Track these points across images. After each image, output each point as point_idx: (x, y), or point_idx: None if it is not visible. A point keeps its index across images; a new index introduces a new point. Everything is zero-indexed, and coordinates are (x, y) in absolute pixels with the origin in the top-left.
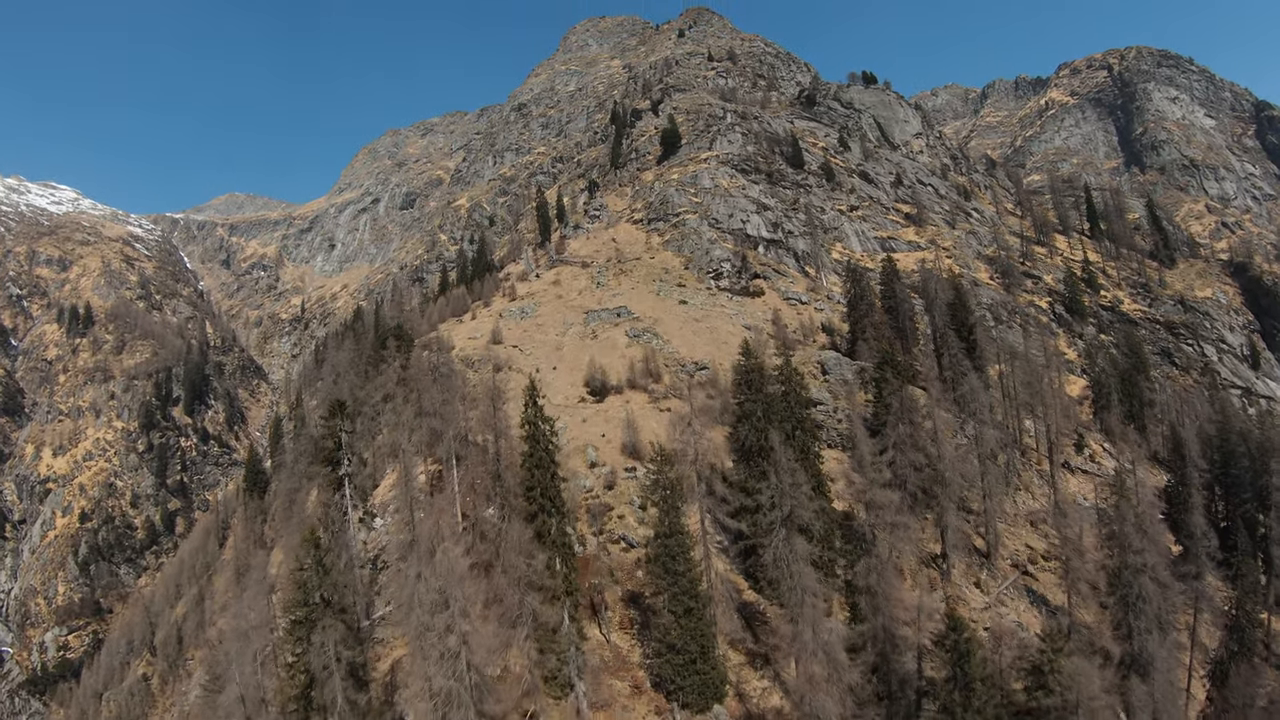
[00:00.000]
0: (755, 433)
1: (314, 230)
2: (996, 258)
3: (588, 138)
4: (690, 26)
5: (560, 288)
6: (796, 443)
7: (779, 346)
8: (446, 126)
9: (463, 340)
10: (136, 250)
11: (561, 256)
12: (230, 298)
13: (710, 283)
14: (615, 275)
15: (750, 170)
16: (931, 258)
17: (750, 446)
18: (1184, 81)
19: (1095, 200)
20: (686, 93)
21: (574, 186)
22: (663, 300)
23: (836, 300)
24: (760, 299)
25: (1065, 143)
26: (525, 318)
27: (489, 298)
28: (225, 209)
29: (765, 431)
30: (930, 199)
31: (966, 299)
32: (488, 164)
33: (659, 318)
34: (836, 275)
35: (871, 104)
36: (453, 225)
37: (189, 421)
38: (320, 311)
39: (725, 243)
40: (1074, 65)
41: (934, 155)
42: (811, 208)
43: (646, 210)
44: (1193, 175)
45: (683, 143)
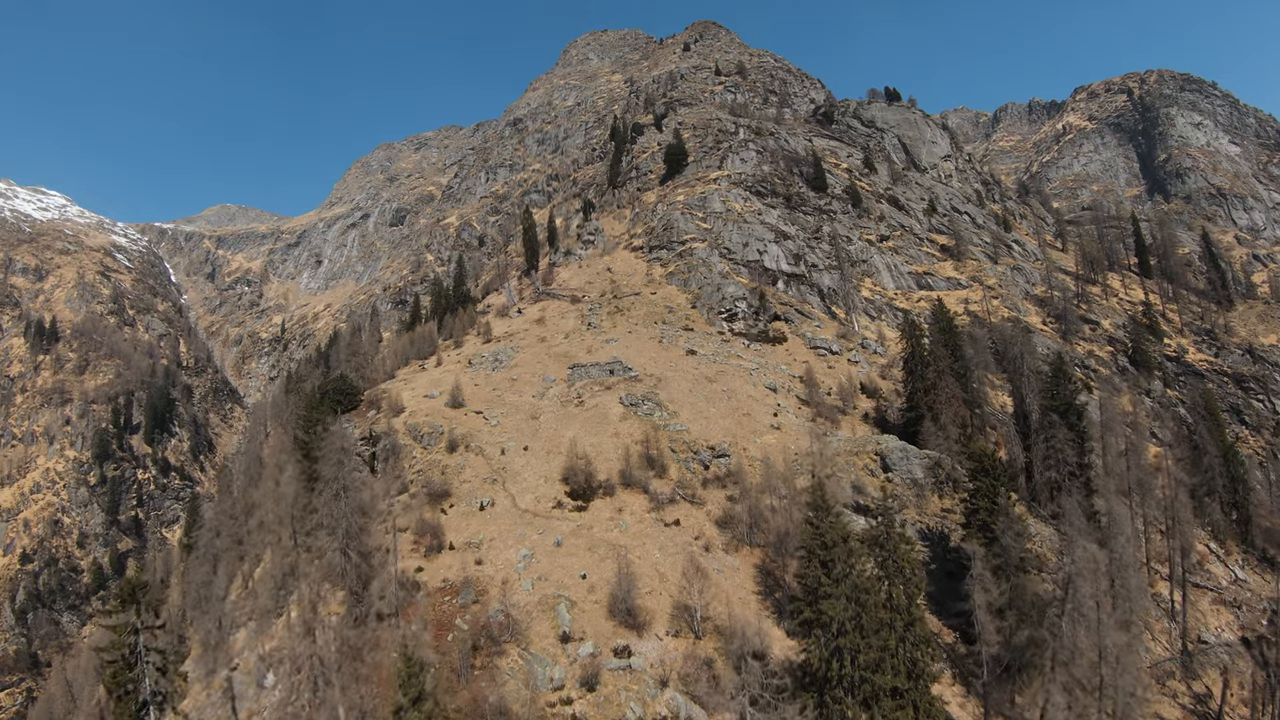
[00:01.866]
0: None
1: (301, 245)
2: (1048, 299)
3: (585, 155)
4: (696, 40)
5: (544, 327)
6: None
7: (817, 419)
8: (441, 141)
9: (417, 398)
10: (117, 261)
11: (549, 288)
12: (212, 313)
13: (722, 325)
14: (610, 313)
15: (766, 193)
16: (977, 298)
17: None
18: (1207, 107)
19: (1143, 232)
20: (693, 107)
21: (568, 207)
22: (666, 350)
23: (873, 350)
24: (782, 346)
25: (1084, 169)
26: (498, 368)
27: (461, 336)
28: (217, 220)
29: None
30: (967, 229)
31: (1067, 368)
32: (480, 180)
33: (662, 376)
34: (868, 317)
35: (895, 123)
36: (440, 245)
37: (148, 451)
38: (300, 332)
39: (739, 277)
40: (1091, 89)
41: (964, 180)
42: (837, 237)
43: (648, 236)
44: (1220, 205)
45: (689, 160)
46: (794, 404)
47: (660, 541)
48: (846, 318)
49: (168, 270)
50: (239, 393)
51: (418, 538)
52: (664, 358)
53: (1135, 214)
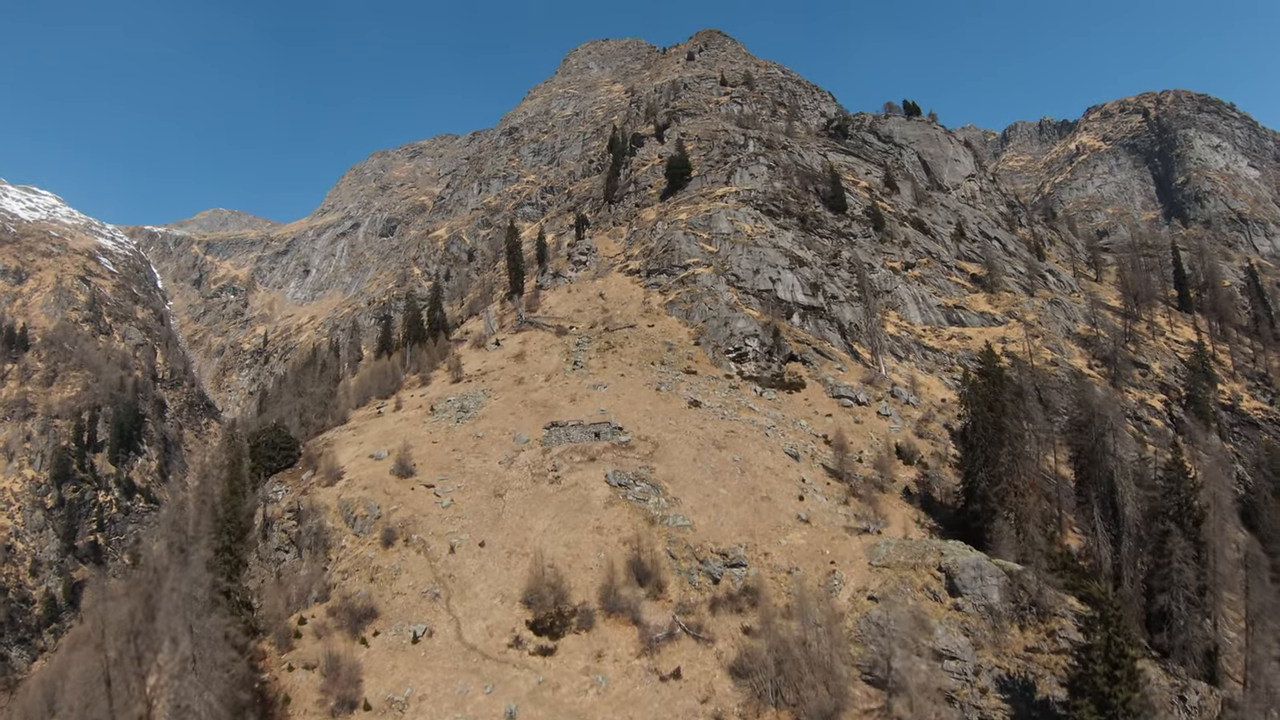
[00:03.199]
0: None
1: (290, 253)
2: (1093, 338)
3: (581, 167)
4: (700, 50)
5: (524, 365)
6: None
7: (851, 499)
8: (435, 150)
9: (361, 459)
10: (100, 265)
11: (533, 316)
12: (196, 321)
13: (730, 366)
14: (600, 350)
15: (779, 212)
16: (1015, 337)
17: None
18: (1226, 129)
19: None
20: (697, 117)
21: (562, 222)
22: (664, 400)
23: (905, 400)
24: (800, 394)
25: (1099, 191)
26: (463, 419)
27: (430, 372)
28: (209, 225)
29: None
30: (999, 257)
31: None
32: (472, 191)
33: (659, 440)
34: (894, 357)
35: (915, 138)
36: (428, 258)
37: (112, 471)
38: (282, 345)
39: (749, 308)
40: (1104, 108)
41: (988, 202)
42: (858, 264)
43: (646, 258)
44: (1241, 230)
45: (693, 175)
46: (821, 477)
47: (654, 711)
48: (872, 359)
49: (155, 275)
50: (216, 407)
51: (326, 684)
52: (662, 411)
53: (1175, 242)
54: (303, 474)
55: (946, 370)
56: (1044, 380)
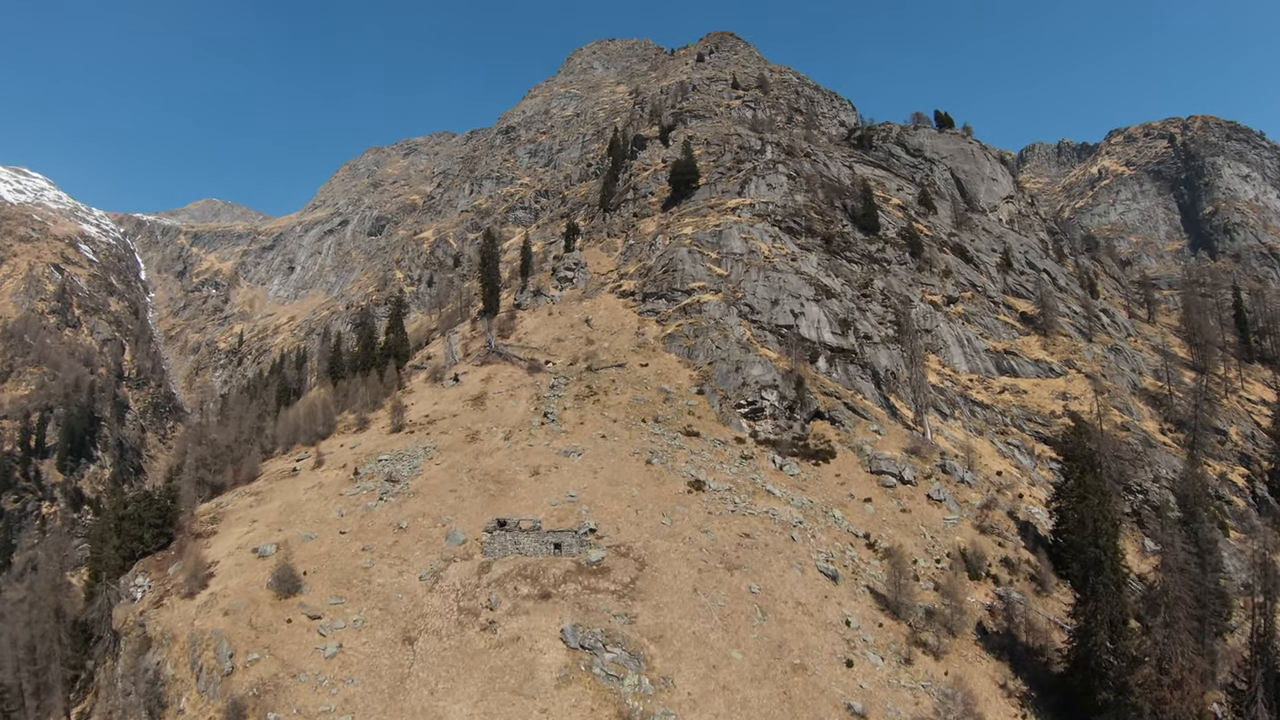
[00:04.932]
0: None
1: (276, 249)
2: (1162, 396)
3: (579, 170)
4: (711, 51)
5: (482, 412)
6: None
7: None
8: (431, 147)
9: (242, 555)
10: (79, 253)
11: (503, 345)
12: (175, 315)
13: (741, 425)
14: (578, 398)
15: (801, 230)
16: (1077, 392)
17: None
18: (1255, 158)
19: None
20: (706, 120)
21: (554, 229)
22: (658, 478)
23: (959, 476)
24: (830, 467)
25: (1121, 218)
26: (389, 495)
27: (369, 412)
28: (201, 215)
29: None
30: (1051, 293)
31: None
32: (463, 192)
33: (647, 553)
34: (938, 414)
35: (948, 153)
36: (411, 261)
37: (60, 479)
38: (257, 346)
39: (765, 348)
40: (1128, 132)
41: (1028, 227)
42: (892, 295)
43: (642, 278)
44: (1272, 266)
45: (701, 182)
46: (870, 612)
47: None
48: (915, 419)
49: (138, 265)
50: (185, 408)
51: None
52: (652, 498)
53: (1236, 282)
54: (170, 565)
55: (999, 432)
56: (1116, 449)
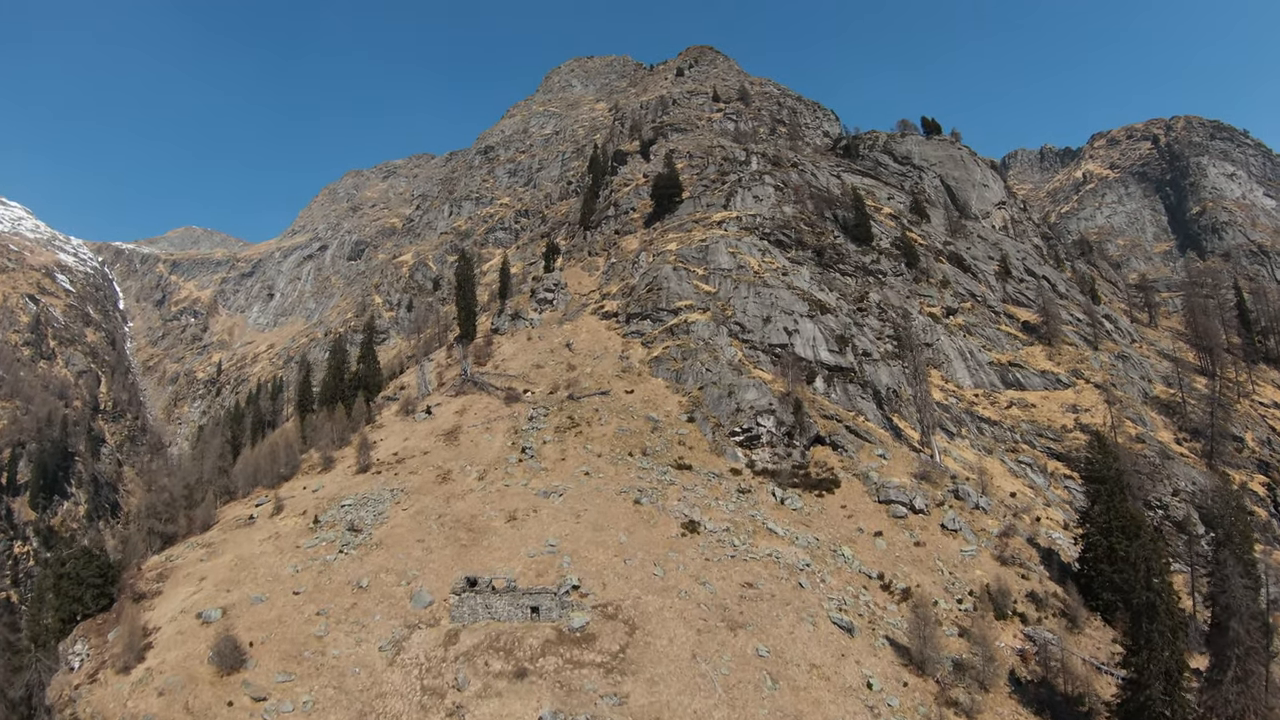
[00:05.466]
0: None
1: (255, 275)
2: (1174, 403)
3: (559, 189)
4: (691, 65)
5: (455, 449)
6: None
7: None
8: (410, 169)
9: (182, 621)
10: (56, 283)
11: (479, 373)
12: (154, 345)
13: (737, 454)
14: (559, 430)
15: (791, 243)
16: (1088, 404)
17: None
18: (1240, 156)
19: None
20: (688, 133)
21: (534, 250)
22: (648, 520)
23: (974, 503)
24: (834, 498)
25: (1108, 221)
26: (350, 547)
27: (336, 450)
28: (180, 243)
29: None
30: (1052, 300)
31: None
32: (443, 214)
33: (638, 613)
34: (944, 433)
35: (937, 160)
36: (390, 285)
37: (32, 518)
38: (236, 375)
39: (759, 369)
40: (1111, 135)
41: (1022, 233)
42: (889, 308)
43: (625, 298)
44: (1262, 264)
45: (684, 196)
46: (893, 670)
47: None
48: (921, 440)
49: (117, 294)
50: (163, 440)
51: None
52: (642, 545)
53: (1238, 283)
54: (110, 630)
55: (1009, 449)
56: (1134, 464)
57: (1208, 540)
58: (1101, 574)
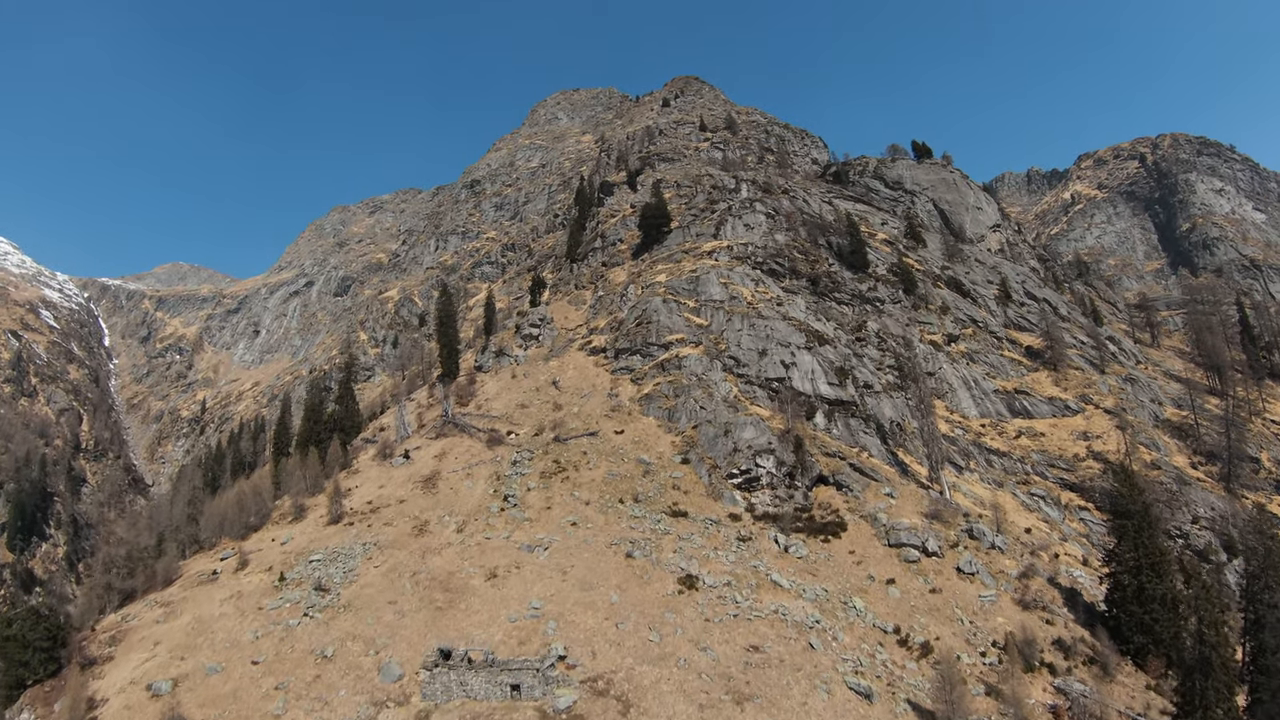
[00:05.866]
0: None
1: (241, 312)
2: (1187, 426)
3: (546, 222)
4: (676, 96)
5: (433, 497)
6: None
7: None
8: (397, 205)
9: (131, 695)
10: (40, 319)
11: (461, 414)
12: (138, 382)
13: (735, 498)
14: (545, 475)
15: (784, 272)
16: (1099, 430)
17: None
18: (1227, 172)
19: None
20: (675, 163)
21: (520, 284)
22: (642, 576)
23: (989, 542)
24: (841, 542)
25: (1098, 241)
26: (314, 611)
27: (309, 497)
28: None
29: None
30: (1055, 323)
31: None
32: (429, 249)
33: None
34: (953, 467)
35: (929, 184)
36: (376, 322)
37: (9, 560)
38: (220, 414)
39: (756, 405)
40: (1098, 155)
41: (1018, 256)
42: (889, 336)
43: (614, 332)
44: (1255, 278)
45: (673, 226)
46: None
47: None
48: (930, 475)
49: (102, 331)
50: (146, 480)
51: None
52: (635, 604)
53: (1240, 298)
54: (56, 701)
55: (1021, 482)
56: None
57: (1233, 569)
58: (1131, 615)
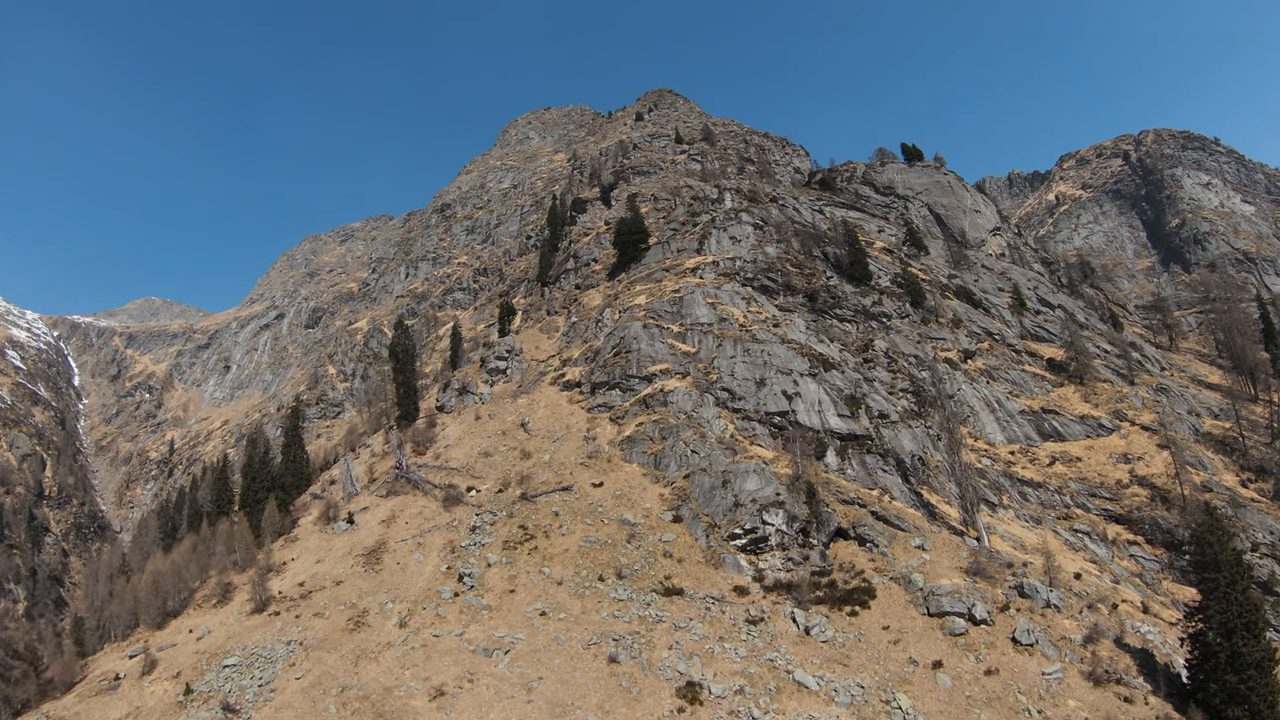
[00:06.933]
0: None
1: (212, 347)
2: (1230, 439)
3: (518, 244)
4: (650, 109)
5: (375, 578)
6: None
7: None
8: (368, 232)
9: None
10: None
11: (417, 464)
12: (108, 423)
13: (741, 565)
14: (509, 546)
15: (778, 288)
16: (1139, 450)
17: None
18: (1213, 165)
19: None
20: (651, 176)
21: (492, 310)
22: (628, 689)
23: (1044, 600)
24: (871, 614)
25: (1086, 242)
26: None
27: (237, 574)
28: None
29: None
30: (1076, 332)
31: None
32: (399, 276)
33: None
34: (986, 507)
35: (922, 187)
36: (344, 354)
37: None
38: (189, 455)
39: (757, 445)
40: (1080, 155)
41: (1021, 260)
42: (898, 355)
43: (589, 363)
44: (1250, 271)
45: (651, 242)
46: None
47: None
48: (964, 519)
49: (72, 370)
50: (114, 526)
51: None
52: None
53: (1261, 296)
54: None
55: (1061, 517)
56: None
57: None
58: (1225, 686)
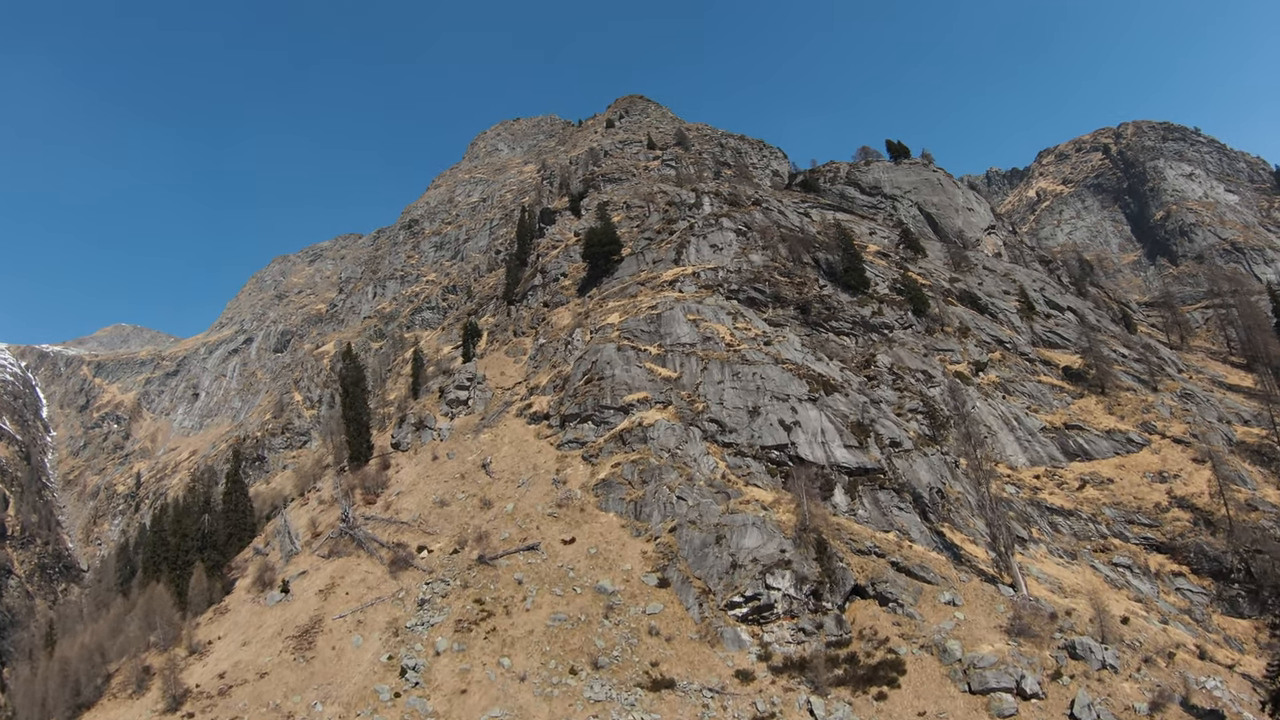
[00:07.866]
0: None
1: (180, 374)
2: (1266, 448)
3: (487, 260)
4: (621, 116)
5: (306, 669)
6: None
7: None
8: (337, 251)
9: None
10: None
11: (361, 522)
12: (75, 455)
13: (742, 638)
14: (464, 626)
15: (767, 300)
16: (1174, 469)
17: None
18: (1195, 155)
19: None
20: (623, 183)
21: (458, 331)
22: None
23: (1098, 660)
24: (901, 694)
25: (1069, 238)
26: None
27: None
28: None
29: None
30: (1091, 336)
31: None
32: (366, 296)
33: None
34: (1018, 544)
35: (910, 186)
36: (311, 380)
37: None
38: (155, 489)
39: (755, 489)
40: (1059, 150)
41: (1018, 259)
42: (904, 370)
43: (558, 391)
44: (1239, 261)
45: (624, 253)
46: None
47: None
48: (998, 563)
49: (40, 401)
50: (80, 565)
51: None
52: None
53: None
54: None
55: (1098, 549)
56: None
57: None
58: None
